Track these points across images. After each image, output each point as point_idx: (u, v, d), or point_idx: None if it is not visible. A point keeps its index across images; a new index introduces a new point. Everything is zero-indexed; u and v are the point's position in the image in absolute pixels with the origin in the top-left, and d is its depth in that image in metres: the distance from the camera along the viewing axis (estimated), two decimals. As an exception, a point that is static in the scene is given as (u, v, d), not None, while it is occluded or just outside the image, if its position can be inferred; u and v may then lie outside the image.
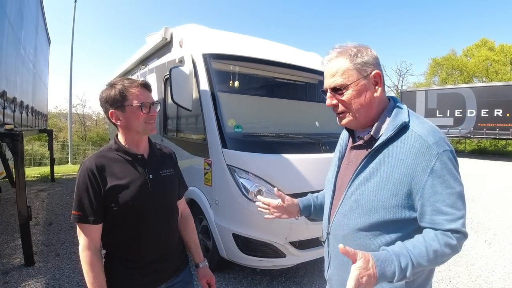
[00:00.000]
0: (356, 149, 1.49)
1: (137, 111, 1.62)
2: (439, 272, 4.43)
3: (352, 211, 1.38)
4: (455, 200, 1.22)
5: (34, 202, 7.70)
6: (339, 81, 1.36)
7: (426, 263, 1.19)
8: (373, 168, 1.34)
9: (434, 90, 21.99)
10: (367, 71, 1.34)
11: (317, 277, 4.13)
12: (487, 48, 34.92)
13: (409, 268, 1.16)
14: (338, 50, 1.39)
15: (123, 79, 1.68)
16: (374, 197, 1.31)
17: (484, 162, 18.88)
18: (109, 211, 1.58)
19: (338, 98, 1.39)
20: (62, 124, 29.89)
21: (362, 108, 1.36)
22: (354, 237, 1.37)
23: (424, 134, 1.26)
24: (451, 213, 1.22)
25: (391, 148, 1.31)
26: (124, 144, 1.69)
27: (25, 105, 5.99)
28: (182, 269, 1.88)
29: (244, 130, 3.93)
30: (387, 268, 1.14)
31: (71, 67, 18.66)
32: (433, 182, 1.22)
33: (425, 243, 1.20)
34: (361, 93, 1.34)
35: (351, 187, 1.40)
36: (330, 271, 1.57)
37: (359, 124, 1.42)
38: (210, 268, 2.06)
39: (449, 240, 1.21)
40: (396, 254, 1.17)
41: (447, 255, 1.22)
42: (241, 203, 3.55)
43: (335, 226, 1.48)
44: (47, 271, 4.25)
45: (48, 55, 11.92)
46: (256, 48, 4.71)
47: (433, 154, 1.23)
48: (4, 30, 4.04)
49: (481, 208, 8.01)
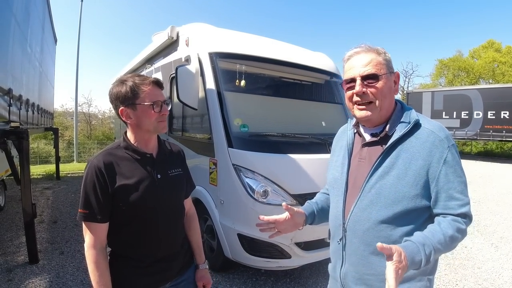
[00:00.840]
0: (368, 146, 1.53)
1: (149, 110, 1.59)
2: (445, 275, 4.39)
3: (373, 205, 1.43)
4: (463, 188, 1.37)
5: (39, 200, 7.74)
6: (373, 71, 1.43)
7: (443, 249, 1.30)
8: (390, 162, 1.41)
9: (440, 92, 21.86)
10: (392, 69, 1.48)
11: (322, 278, 4.10)
12: (494, 49, 34.66)
13: (432, 255, 1.26)
14: (367, 47, 1.49)
15: (134, 75, 1.64)
16: (395, 188, 1.38)
17: (491, 164, 18.70)
18: (116, 210, 1.56)
19: (369, 87, 1.44)
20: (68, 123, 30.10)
21: (386, 101, 1.46)
22: (376, 229, 1.43)
23: (436, 130, 1.40)
24: (462, 198, 1.36)
25: (406, 143, 1.40)
26: (133, 142, 1.66)
27: (31, 103, 6.01)
28: (187, 268, 1.86)
29: (250, 130, 3.91)
30: (416, 258, 1.23)
31: (77, 65, 18.75)
32: (447, 171, 1.35)
33: (442, 231, 1.30)
34: (387, 86, 1.44)
35: (370, 182, 1.45)
36: (344, 268, 1.56)
37: (379, 117, 1.49)
38: (215, 268, 2.04)
39: (460, 226, 1.34)
40: (421, 244, 1.25)
41: (459, 239, 1.34)
42: (247, 203, 3.53)
43: (353, 222, 1.50)
44: (51, 269, 4.25)
45: (55, 53, 11.95)
46: (263, 47, 4.68)
47: (445, 147, 1.36)
48: (11, 28, 4.04)
49: (487, 210, 7.94)
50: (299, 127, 4.40)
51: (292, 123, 4.52)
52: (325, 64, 5.28)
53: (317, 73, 5.10)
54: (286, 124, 4.42)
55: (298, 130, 4.26)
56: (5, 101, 3.92)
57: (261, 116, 4.43)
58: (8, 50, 3.98)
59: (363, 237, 1.46)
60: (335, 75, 5.32)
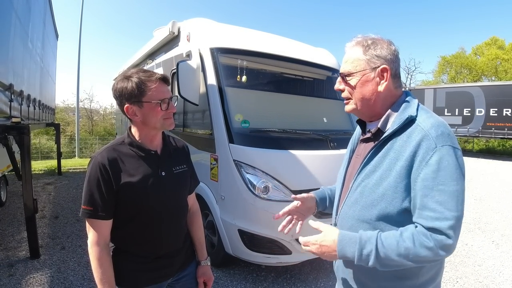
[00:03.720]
0: (364, 142, 1.52)
1: (156, 107, 1.56)
2: (446, 273, 4.38)
3: (357, 203, 1.41)
4: (446, 199, 1.16)
5: (41, 195, 7.75)
6: (347, 68, 1.41)
7: (396, 258, 1.18)
8: (377, 161, 1.35)
9: (442, 89, 21.73)
10: (376, 64, 1.36)
11: (323, 274, 4.09)
12: (497, 46, 34.51)
13: (372, 256, 1.21)
14: (357, 40, 1.43)
15: (139, 71, 1.59)
16: (375, 189, 1.32)
17: (492, 162, 18.65)
18: (120, 207, 1.55)
19: (345, 84, 1.44)
20: (69, 118, 30.04)
21: (364, 99, 1.40)
22: (358, 228, 1.38)
23: (427, 128, 1.24)
24: (439, 210, 1.16)
25: (396, 142, 1.30)
26: (137, 138, 1.63)
27: (33, 98, 6.00)
28: (188, 264, 1.86)
29: (251, 126, 3.90)
30: (347, 248, 1.26)
31: (79, 60, 18.68)
32: (426, 175, 1.19)
33: (398, 238, 1.20)
34: (364, 83, 1.38)
35: (357, 180, 1.42)
36: (337, 262, 1.60)
37: (362, 114, 1.48)
38: (215, 264, 2.04)
39: (425, 242, 1.16)
40: (362, 238, 1.24)
41: (424, 256, 1.17)
42: (247, 199, 3.52)
43: (341, 218, 1.52)
44: (52, 264, 4.26)
45: (56, 49, 11.92)
46: (264, 42, 4.65)
47: (431, 147, 1.19)
48: (11, 23, 4.02)
49: (488, 208, 7.92)
50: (300, 123, 4.39)
51: (293, 119, 4.50)
52: (327, 60, 5.26)
53: (318, 69, 5.08)
54: (287, 120, 4.40)
55: (299, 126, 4.25)
56: (6, 97, 3.91)
57: (262, 112, 4.42)
58: (9, 45, 3.97)
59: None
60: (337, 71, 5.29)
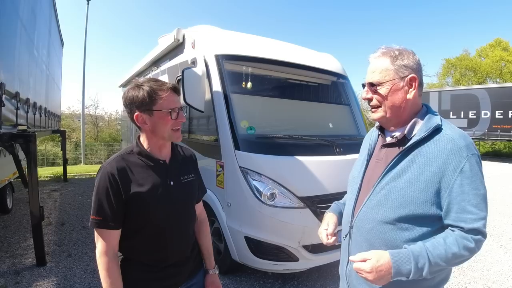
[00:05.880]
0: (387, 147, 1.58)
1: (166, 116, 1.57)
2: (454, 278, 4.33)
3: (381, 205, 1.45)
4: (479, 201, 1.31)
5: (47, 202, 7.78)
6: (376, 78, 1.49)
7: (444, 264, 1.29)
8: (404, 165, 1.42)
9: (447, 91, 21.70)
10: (405, 73, 1.45)
11: (330, 281, 4.07)
12: (501, 48, 34.29)
13: (426, 268, 1.27)
14: (383, 51, 1.51)
15: (150, 80, 1.60)
16: (404, 192, 1.38)
17: (499, 164, 18.51)
18: (128, 217, 1.55)
19: (373, 93, 1.52)
20: (75, 125, 30.24)
21: (394, 106, 1.48)
22: (379, 230, 1.45)
23: (456, 137, 1.36)
24: (475, 212, 1.30)
25: (423, 148, 1.40)
26: (146, 148, 1.64)
27: (38, 106, 6.03)
28: (196, 272, 1.86)
29: (257, 132, 3.89)
30: (403, 267, 1.27)
31: (84, 67, 18.93)
32: (462, 181, 1.31)
33: (445, 246, 1.28)
34: (394, 92, 1.46)
35: (381, 183, 1.48)
36: (349, 266, 1.60)
37: (389, 122, 1.55)
38: (222, 271, 2.03)
39: (468, 244, 1.29)
40: (415, 254, 1.28)
41: (466, 256, 1.31)
42: (254, 205, 3.51)
43: (360, 220, 1.55)
44: (58, 271, 4.26)
45: (61, 56, 11.99)
46: (269, 48, 4.66)
47: (463, 156, 1.32)
48: (17, 31, 4.06)
49: (496, 211, 7.84)
50: (306, 129, 4.38)
51: (299, 125, 4.49)
52: (331, 65, 5.25)
53: (323, 74, 5.07)
54: (292, 126, 4.39)
55: (305, 132, 4.23)
56: (13, 105, 3.93)
57: (268, 118, 4.41)
58: (15, 54, 4.00)
59: (367, 236, 1.50)
60: (341, 76, 5.29)
